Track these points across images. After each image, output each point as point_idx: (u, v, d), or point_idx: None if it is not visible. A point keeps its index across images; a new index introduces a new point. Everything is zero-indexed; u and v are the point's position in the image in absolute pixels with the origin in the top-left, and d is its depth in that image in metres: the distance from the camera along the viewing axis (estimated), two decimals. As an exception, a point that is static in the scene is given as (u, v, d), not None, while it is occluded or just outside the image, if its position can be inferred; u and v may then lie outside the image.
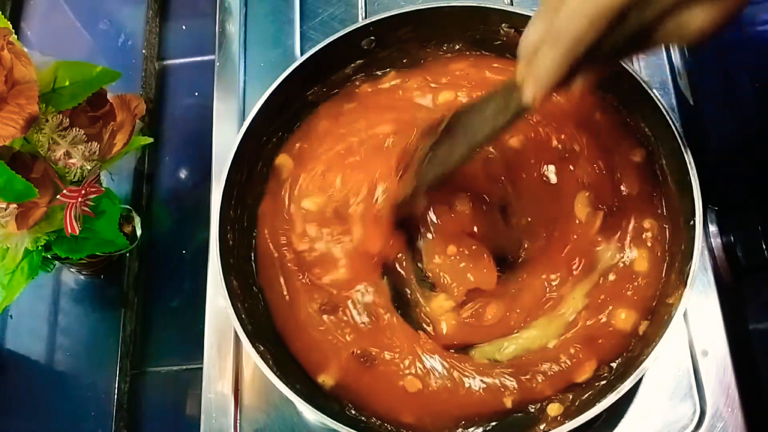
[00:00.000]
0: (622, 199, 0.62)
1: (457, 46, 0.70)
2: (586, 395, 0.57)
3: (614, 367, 0.58)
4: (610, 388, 0.54)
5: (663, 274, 0.60)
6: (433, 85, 0.69)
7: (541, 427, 0.55)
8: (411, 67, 0.70)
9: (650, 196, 0.63)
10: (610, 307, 0.59)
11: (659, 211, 0.62)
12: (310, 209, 0.64)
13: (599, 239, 0.61)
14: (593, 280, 0.60)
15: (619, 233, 0.61)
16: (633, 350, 0.58)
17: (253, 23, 0.79)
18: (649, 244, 0.61)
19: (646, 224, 0.61)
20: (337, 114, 0.69)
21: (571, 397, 0.57)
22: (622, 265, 0.60)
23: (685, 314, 0.55)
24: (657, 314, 0.58)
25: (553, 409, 0.57)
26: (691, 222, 0.56)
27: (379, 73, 0.70)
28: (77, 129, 0.57)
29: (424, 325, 0.61)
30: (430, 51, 0.70)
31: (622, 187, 0.62)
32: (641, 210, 0.62)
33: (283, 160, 0.68)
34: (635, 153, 0.64)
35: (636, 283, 0.60)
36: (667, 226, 0.61)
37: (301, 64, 0.66)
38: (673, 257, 0.59)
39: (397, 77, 0.70)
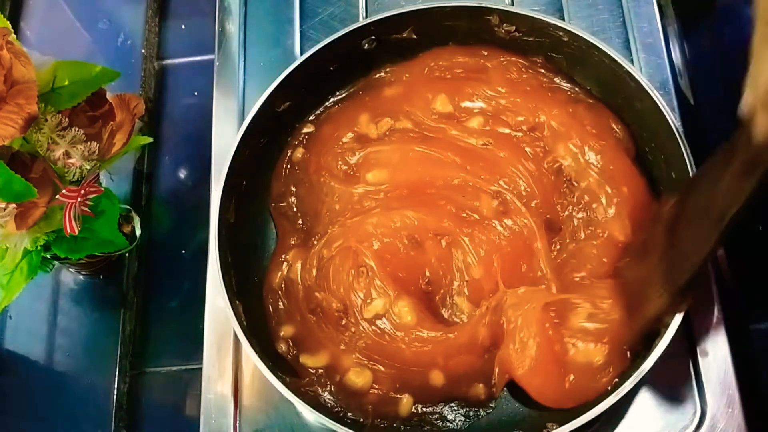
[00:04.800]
0: None
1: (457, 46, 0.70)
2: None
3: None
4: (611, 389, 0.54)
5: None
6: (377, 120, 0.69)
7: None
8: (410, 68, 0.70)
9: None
10: None
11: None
12: None
13: None
14: None
15: None
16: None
17: (253, 23, 0.79)
18: None
19: None
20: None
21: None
22: None
23: (685, 314, 0.55)
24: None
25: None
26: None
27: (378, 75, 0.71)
28: (76, 129, 0.57)
29: None
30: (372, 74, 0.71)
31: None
32: None
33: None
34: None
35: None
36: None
37: (300, 64, 0.66)
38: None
39: (398, 80, 0.70)
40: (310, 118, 0.71)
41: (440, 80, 0.69)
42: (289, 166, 0.69)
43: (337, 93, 0.71)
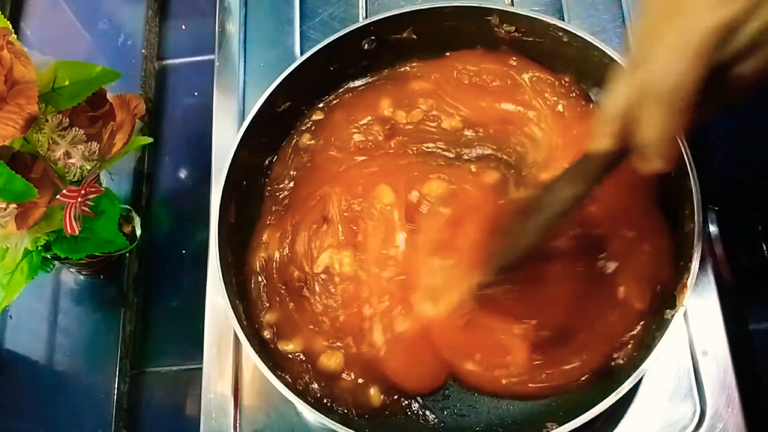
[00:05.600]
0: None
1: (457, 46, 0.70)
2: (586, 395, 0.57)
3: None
4: (611, 388, 0.54)
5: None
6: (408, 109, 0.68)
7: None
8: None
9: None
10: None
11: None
12: None
13: None
14: None
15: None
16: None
17: (253, 23, 0.79)
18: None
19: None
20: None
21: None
22: None
23: (685, 314, 0.55)
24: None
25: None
26: (691, 222, 0.56)
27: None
28: (77, 129, 0.57)
29: None
30: (397, 67, 0.70)
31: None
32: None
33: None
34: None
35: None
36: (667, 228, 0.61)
37: (300, 64, 0.66)
38: (674, 257, 0.59)
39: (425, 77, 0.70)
40: (320, 105, 0.70)
41: (471, 86, 0.68)
42: (293, 152, 0.69)
43: (354, 81, 0.71)
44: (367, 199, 0.63)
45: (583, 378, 0.58)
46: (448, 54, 0.70)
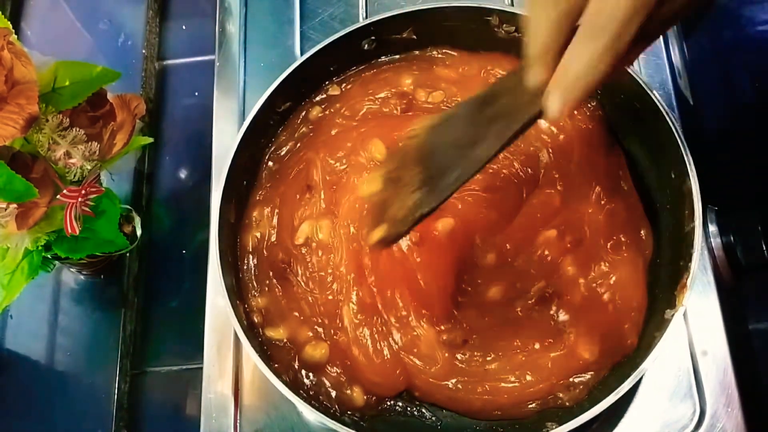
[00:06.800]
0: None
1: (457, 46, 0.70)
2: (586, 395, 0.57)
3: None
4: (610, 388, 0.54)
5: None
6: (429, 89, 0.68)
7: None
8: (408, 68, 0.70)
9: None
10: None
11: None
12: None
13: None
14: None
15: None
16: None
17: (253, 23, 0.79)
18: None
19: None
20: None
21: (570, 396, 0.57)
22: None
23: (685, 314, 0.55)
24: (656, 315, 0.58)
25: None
26: (691, 222, 0.56)
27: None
28: (77, 129, 0.57)
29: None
30: (429, 51, 0.70)
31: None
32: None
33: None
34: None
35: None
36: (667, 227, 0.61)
37: (301, 64, 0.66)
38: (673, 257, 0.59)
39: (452, 66, 0.69)
40: (337, 80, 0.70)
41: None
42: (302, 123, 0.68)
43: (379, 59, 0.70)
44: (353, 155, 0.62)
45: (529, 405, 0.57)
46: (480, 51, 0.69)
